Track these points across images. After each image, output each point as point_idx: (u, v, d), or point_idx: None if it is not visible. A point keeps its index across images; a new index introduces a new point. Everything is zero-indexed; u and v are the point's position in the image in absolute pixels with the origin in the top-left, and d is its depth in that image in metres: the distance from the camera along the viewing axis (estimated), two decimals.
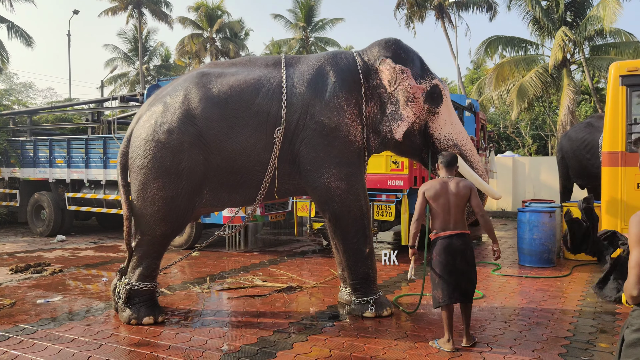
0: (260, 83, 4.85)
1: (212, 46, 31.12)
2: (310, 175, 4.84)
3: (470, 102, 10.95)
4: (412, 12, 23.01)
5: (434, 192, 4.13)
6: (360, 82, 4.94)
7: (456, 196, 4.10)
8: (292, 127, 4.79)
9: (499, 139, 23.74)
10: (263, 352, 3.91)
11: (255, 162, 4.79)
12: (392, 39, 5.16)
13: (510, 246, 9.30)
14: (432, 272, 4.15)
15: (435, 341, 4.11)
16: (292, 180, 4.96)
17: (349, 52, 5.21)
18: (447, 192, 4.11)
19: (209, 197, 4.89)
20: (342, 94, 4.82)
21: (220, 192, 4.90)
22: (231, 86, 4.82)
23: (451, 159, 4.30)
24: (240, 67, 5.08)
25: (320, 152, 4.78)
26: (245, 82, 4.85)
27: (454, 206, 4.10)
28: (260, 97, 4.80)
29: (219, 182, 4.84)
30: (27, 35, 19.75)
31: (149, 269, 4.76)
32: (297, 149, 4.83)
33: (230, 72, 4.97)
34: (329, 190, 4.79)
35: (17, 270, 7.07)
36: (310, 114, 4.79)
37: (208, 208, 5.11)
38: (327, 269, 7.19)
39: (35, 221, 11.25)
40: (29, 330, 4.49)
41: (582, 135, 9.52)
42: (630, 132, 5.72)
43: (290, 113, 4.77)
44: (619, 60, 7.88)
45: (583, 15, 17.61)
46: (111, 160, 10.20)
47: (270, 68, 5.02)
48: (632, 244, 2.09)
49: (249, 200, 5.08)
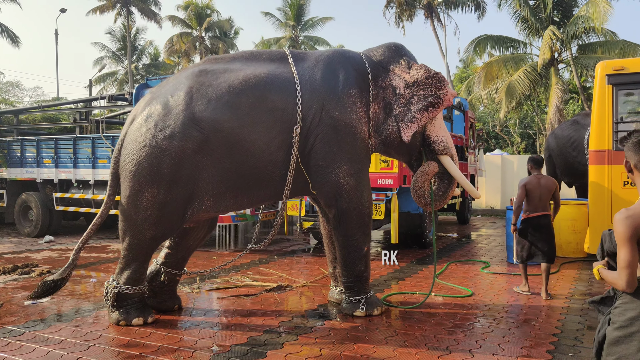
0: (271, 78, 4.66)
1: (202, 45, 31.03)
2: (322, 171, 4.75)
3: (459, 100, 11.04)
4: (401, 11, 23.06)
5: (532, 185, 5.60)
6: (369, 82, 4.95)
7: (545, 188, 5.59)
8: (307, 123, 4.69)
9: (488, 138, 23.89)
10: (253, 352, 3.91)
11: (267, 162, 4.61)
12: (398, 43, 5.24)
13: (499, 244, 9.37)
14: (519, 237, 5.70)
15: (517, 287, 5.81)
16: (300, 179, 4.82)
17: (355, 52, 5.20)
18: (539, 186, 5.59)
19: (210, 203, 4.61)
20: (354, 92, 4.81)
21: (226, 196, 4.67)
22: (241, 82, 4.58)
23: (541, 159, 5.82)
24: (243, 62, 4.86)
25: (333, 146, 4.72)
26: (255, 78, 4.63)
27: (543, 195, 5.59)
28: (274, 93, 4.61)
29: (225, 187, 4.59)
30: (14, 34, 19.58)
31: (137, 273, 4.63)
32: (310, 145, 4.73)
33: (236, 68, 4.73)
34: (339, 185, 4.74)
35: (5, 271, 7.00)
36: (325, 109, 4.72)
37: (209, 214, 4.82)
38: (318, 268, 7.20)
39: (22, 222, 11.14)
40: (16, 332, 4.45)
41: (568, 132, 9.61)
42: (616, 131, 5.79)
43: (306, 109, 4.67)
44: (606, 59, 7.96)
45: (570, 14, 17.77)
46: (99, 160, 10.13)
47: (277, 63, 4.88)
48: (620, 243, 2.11)
49: (256, 202, 4.97)
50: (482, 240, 9.99)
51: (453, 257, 7.96)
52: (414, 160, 5.33)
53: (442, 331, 4.40)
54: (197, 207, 4.63)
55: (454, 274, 6.72)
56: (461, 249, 8.92)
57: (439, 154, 5.12)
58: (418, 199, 5.15)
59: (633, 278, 2.11)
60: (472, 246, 9.26)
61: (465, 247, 9.16)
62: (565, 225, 7.76)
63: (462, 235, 10.76)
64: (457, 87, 24.99)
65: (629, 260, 2.08)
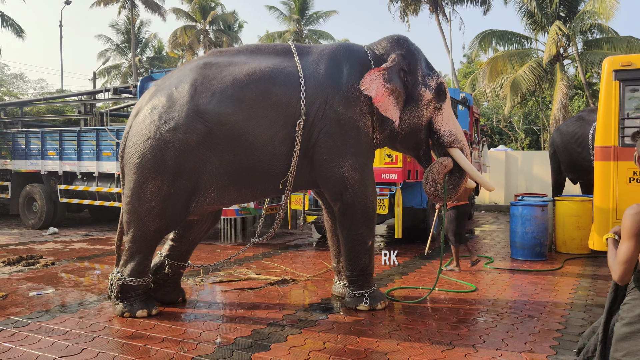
0: (275, 72, 4.66)
1: (205, 38, 30.98)
2: (326, 165, 4.75)
3: (463, 96, 10.99)
4: (406, 5, 22.95)
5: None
6: None
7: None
8: (311, 117, 4.68)
9: (492, 133, 23.82)
10: (257, 345, 3.92)
11: (271, 156, 4.61)
12: (402, 35, 5.19)
13: (502, 240, 9.35)
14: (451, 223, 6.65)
15: (448, 266, 6.69)
16: (304, 173, 4.83)
17: (359, 45, 5.18)
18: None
19: (214, 195, 4.63)
20: (358, 86, 4.77)
21: (229, 189, 4.68)
22: (246, 75, 4.57)
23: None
24: (248, 55, 4.84)
25: (337, 140, 4.71)
26: (260, 71, 4.62)
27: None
28: (278, 87, 4.61)
29: (229, 180, 4.62)
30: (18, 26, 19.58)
31: (141, 265, 4.65)
32: (314, 139, 4.73)
33: (241, 61, 4.72)
34: (344, 179, 4.73)
35: (9, 262, 7.03)
36: (329, 103, 4.71)
37: (213, 206, 4.84)
38: (321, 262, 7.21)
39: (27, 213, 11.18)
40: (21, 322, 4.47)
41: (572, 129, 9.56)
42: (622, 127, 5.76)
43: (309, 103, 4.67)
44: (612, 55, 7.91)
45: (576, 10, 17.67)
46: (104, 153, 10.15)
47: (282, 57, 4.87)
48: (625, 236, 2.13)
49: (259, 195, 4.97)
50: (486, 236, 9.98)
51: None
52: (422, 155, 5.29)
53: (446, 326, 4.40)
54: (201, 200, 4.64)
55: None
56: (464, 244, 8.87)
57: (448, 147, 5.08)
58: (430, 190, 5.07)
59: (628, 274, 2.16)
60: (476, 241, 9.25)
61: (469, 242, 9.12)
62: (570, 222, 7.75)
63: (466, 230, 10.71)
64: (462, 83, 24.90)
65: (629, 256, 2.12)
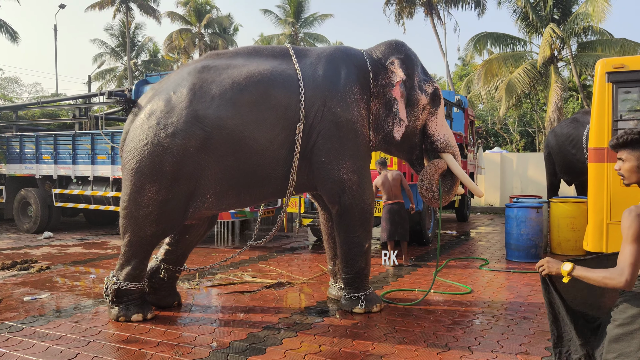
0: (274, 75, 4.64)
1: (201, 41, 30.98)
2: (324, 167, 4.74)
3: (458, 98, 11.04)
4: (401, 8, 23.03)
5: (382, 181, 7.02)
6: (369, 79, 4.95)
7: (394, 181, 6.95)
8: (309, 120, 4.68)
9: (487, 135, 23.89)
10: (252, 348, 3.91)
11: (270, 160, 4.59)
12: (400, 41, 5.23)
13: (498, 241, 9.38)
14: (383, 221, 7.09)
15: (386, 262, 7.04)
16: (302, 175, 4.82)
17: (357, 49, 5.20)
18: (388, 180, 6.94)
19: (212, 200, 4.59)
20: (356, 89, 4.80)
21: (228, 194, 4.65)
22: (245, 78, 4.54)
23: (384, 160, 6.77)
24: (246, 57, 4.81)
25: (336, 143, 4.71)
26: (259, 74, 4.59)
27: (393, 187, 7.02)
28: (277, 90, 4.59)
29: (228, 185, 4.58)
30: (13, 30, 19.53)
31: (137, 269, 4.63)
32: (312, 142, 4.72)
33: (239, 64, 4.68)
34: (342, 182, 4.73)
35: (4, 267, 7.00)
36: (327, 106, 4.71)
37: (211, 211, 4.82)
38: (317, 265, 7.21)
39: (21, 218, 11.14)
40: (16, 327, 4.45)
41: (567, 130, 9.61)
42: (616, 129, 5.79)
43: (308, 106, 4.67)
44: (606, 57, 7.95)
45: (570, 12, 17.76)
46: (99, 157, 10.13)
47: (280, 59, 4.86)
48: (629, 239, 2.05)
49: (258, 199, 4.97)
50: (481, 238, 10.00)
51: (452, 255, 7.97)
52: (415, 159, 5.34)
53: (441, 328, 4.41)
54: (199, 205, 4.62)
55: (453, 271, 6.73)
56: (460, 246, 8.93)
57: (440, 152, 5.13)
58: (425, 192, 5.10)
59: (635, 277, 2.07)
60: (471, 243, 9.27)
61: (465, 244, 9.17)
62: (564, 223, 7.77)
63: (461, 232, 10.77)
64: (457, 85, 24.97)
65: (636, 258, 2.04)
